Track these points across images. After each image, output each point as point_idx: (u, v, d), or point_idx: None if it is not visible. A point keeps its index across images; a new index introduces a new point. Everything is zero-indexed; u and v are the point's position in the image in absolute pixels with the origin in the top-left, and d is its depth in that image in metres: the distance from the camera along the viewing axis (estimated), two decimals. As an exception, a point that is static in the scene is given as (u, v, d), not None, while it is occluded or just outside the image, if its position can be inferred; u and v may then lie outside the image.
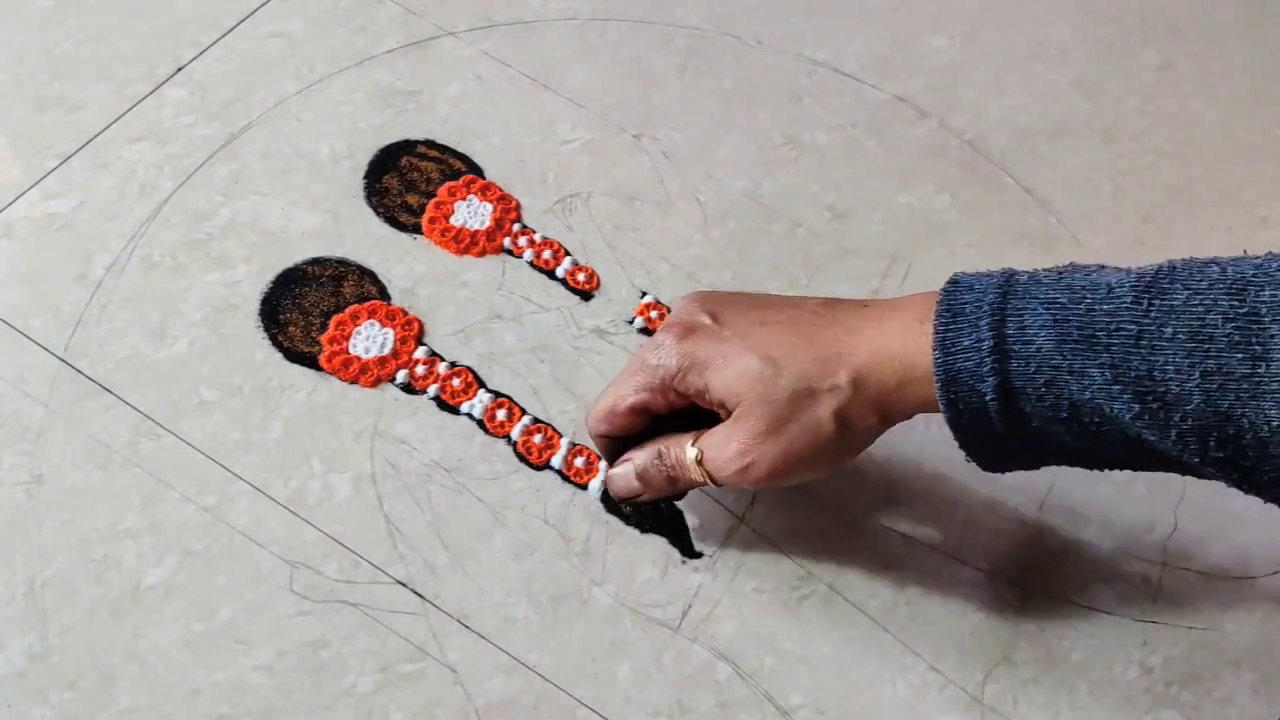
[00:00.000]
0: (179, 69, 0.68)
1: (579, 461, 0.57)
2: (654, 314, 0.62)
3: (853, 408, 0.48)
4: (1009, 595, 0.56)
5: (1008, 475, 0.50)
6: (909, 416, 0.49)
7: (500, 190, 0.65)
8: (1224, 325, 0.42)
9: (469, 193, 0.65)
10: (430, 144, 0.67)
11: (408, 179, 0.65)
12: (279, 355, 0.59)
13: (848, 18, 0.75)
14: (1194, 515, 0.58)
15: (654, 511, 0.56)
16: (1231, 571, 0.57)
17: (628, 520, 0.56)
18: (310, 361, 0.59)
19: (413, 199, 0.65)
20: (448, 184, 0.65)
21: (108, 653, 0.51)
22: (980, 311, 0.46)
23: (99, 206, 0.62)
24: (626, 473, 0.53)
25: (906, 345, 0.47)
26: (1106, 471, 0.49)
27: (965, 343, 0.46)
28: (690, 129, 0.69)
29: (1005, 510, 0.58)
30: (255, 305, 0.60)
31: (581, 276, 0.63)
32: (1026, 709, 0.53)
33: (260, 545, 0.54)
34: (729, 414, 0.50)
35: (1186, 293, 0.43)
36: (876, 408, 0.48)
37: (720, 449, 0.50)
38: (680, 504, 0.56)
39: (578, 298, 0.62)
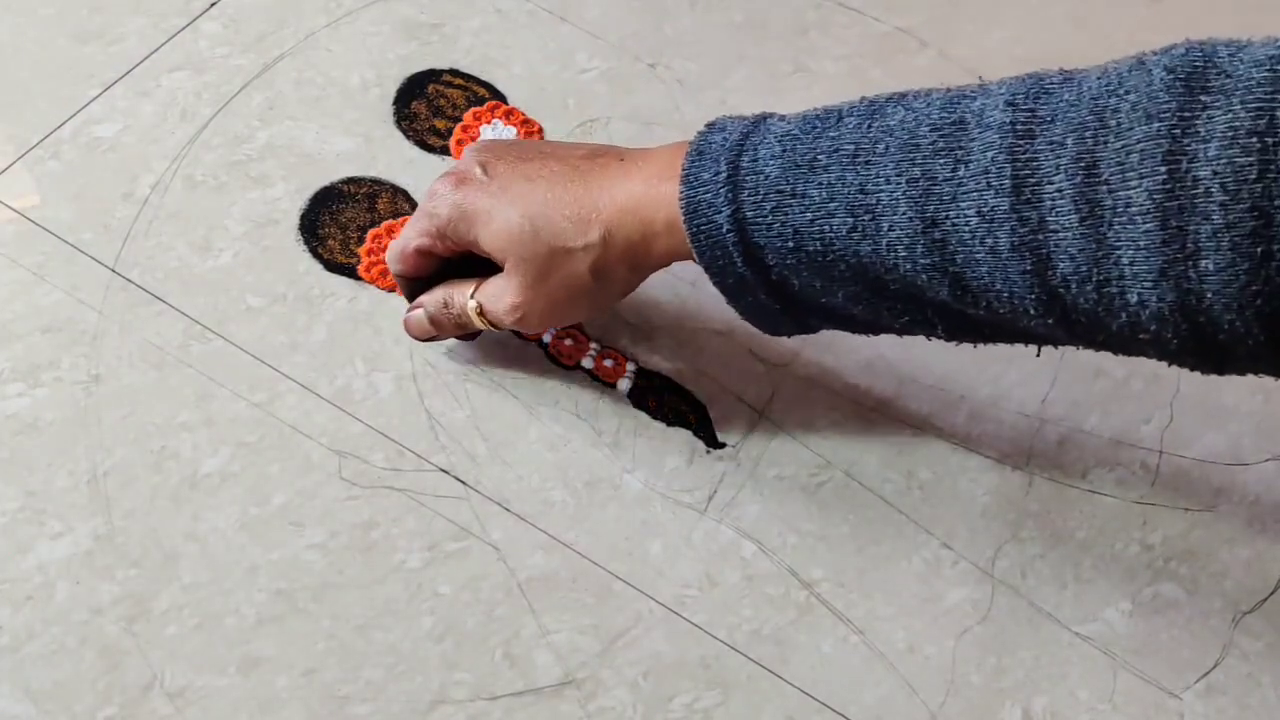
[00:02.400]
0: (213, 4, 0.71)
1: (608, 363, 0.60)
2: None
3: (605, 262, 0.51)
4: (1015, 480, 0.59)
5: (1010, 372, 0.52)
6: (664, 265, 0.52)
7: (523, 115, 0.68)
8: (931, 134, 0.43)
9: (494, 116, 0.68)
10: (455, 72, 0.70)
11: (435, 105, 0.68)
12: (319, 266, 0.62)
13: (850, -45, 0.78)
14: (1189, 408, 0.61)
15: (677, 409, 0.59)
16: (1225, 459, 0.60)
17: (655, 415, 0.59)
18: (349, 272, 0.62)
19: (440, 123, 0.68)
20: (473, 109, 0.68)
21: (169, 534, 0.54)
22: (724, 148, 0.48)
23: (142, 130, 0.65)
24: (419, 318, 0.57)
25: (648, 200, 0.50)
26: (1097, 374, 0.49)
27: (705, 176, 0.48)
28: (703, 59, 0.72)
29: (1009, 403, 0.61)
30: (295, 220, 0.63)
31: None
32: (1035, 582, 0.56)
33: (309, 437, 0.57)
34: (502, 264, 0.53)
35: (904, 112, 0.44)
36: (626, 260, 0.52)
37: (496, 301, 0.53)
38: (703, 398, 0.59)
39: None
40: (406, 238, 0.55)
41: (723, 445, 0.59)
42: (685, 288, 0.63)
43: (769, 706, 0.52)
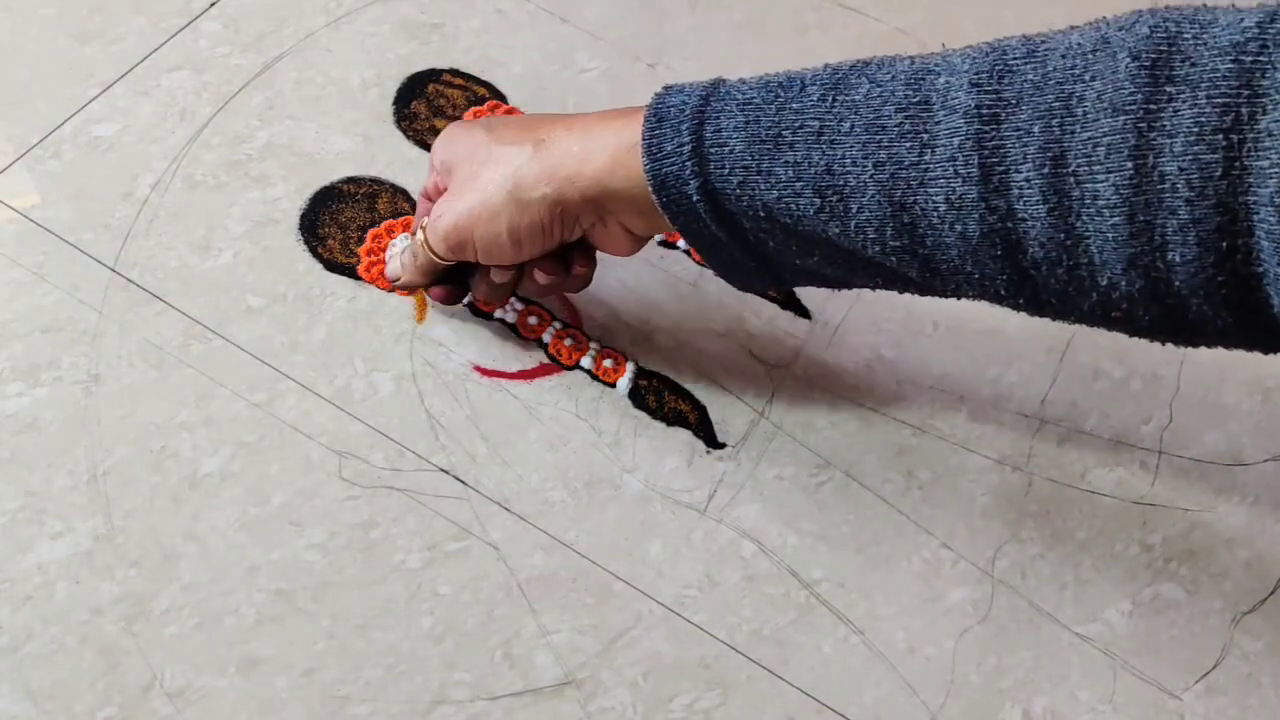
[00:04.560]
0: (212, 4, 0.71)
1: (608, 363, 0.60)
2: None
3: (565, 203, 0.50)
4: (1015, 481, 0.59)
5: (1009, 373, 0.52)
6: (629, 211, 0.51)
7: (522, 113, 0.68)
8: (896, 115, 0.42)
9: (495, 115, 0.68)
10: (455, 72, 0.70)
11: (435, 104, 0.68)
12: (319, 266, 0.62)
13: (850, -45, 0.78)
14: (1189, 408, 0.61)
15: (677, 409, 0.59)
16: (1224, 459, 0.60)
17: (655, 415, 0.59)
18: (349, 272, 0.62)
19: (440, 123, 0.67)
20: (473, 109, 0.68)
21: (169, 534, 0.54)
22: (683, 115, 0.47)
23: (142, 130, 0.65)
24: (391, 268, 0.59)
25: (615, 176, 0.49)
26: (1096, 375, 0.50)
27: (669, 147, 0.47)
28: (702, 59, 0.72)
29: (1009, 405, 0.61)
30: (295, 220, 0.63)
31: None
32: (1035, 582, 0.56)
33: (309, 437, 0.56)
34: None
35: (868, 86, 0.43)
36: (591, 208, 0.51)
37: (435, 221, 0.54)
38: (703, 398, 0.59)
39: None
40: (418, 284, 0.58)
41: (723, 445, 0.59)
42: (685, 288, 0.63)
43: (769, 707, 0.52)
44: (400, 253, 0.58)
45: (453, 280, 0.57)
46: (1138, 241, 0.38)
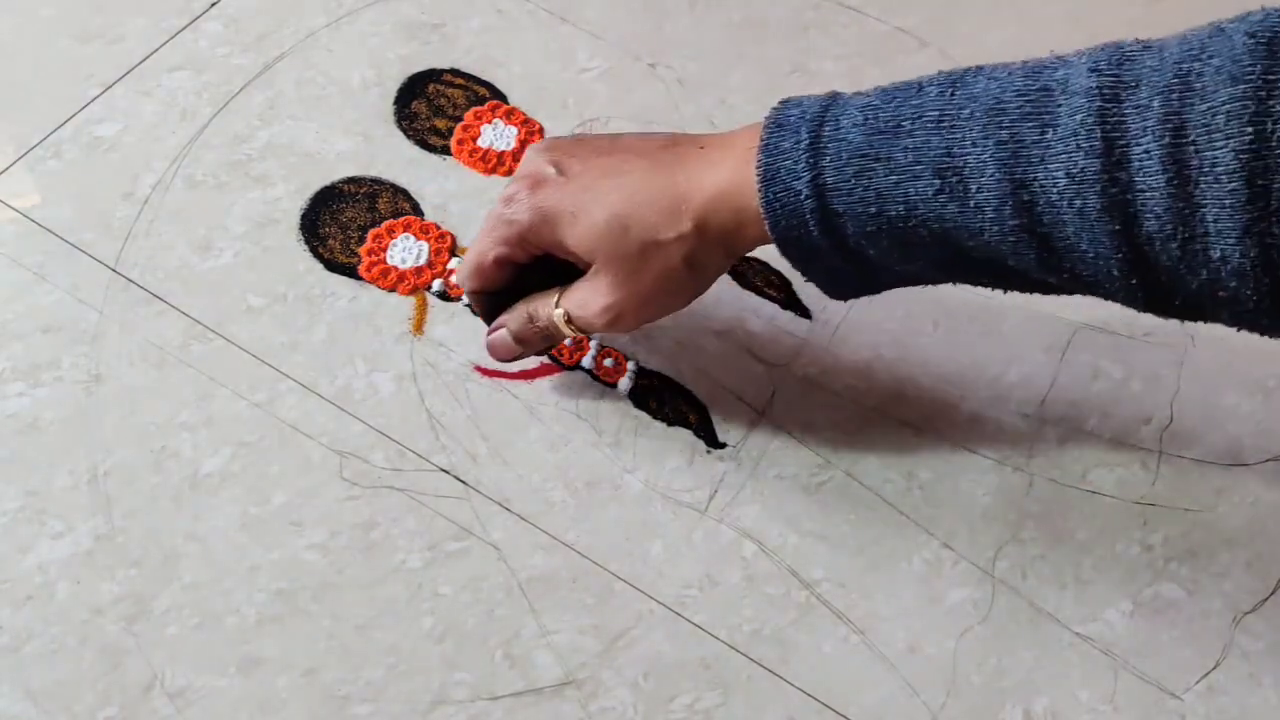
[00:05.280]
0: (213, 4, 0.71)
1: (608, 363, 0.60)
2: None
3: (699, 251, 0.51)
4: (1015, 481, 0.59)
5: (1009, 373, 0.52)
6: (754, 248, 0.52)
7: (524, 115, 0.68)
8: (1016, 99, 0.43)
9: (494, 116, 0.68)
10: (455, 72, 0.70)
11: (435, 104, 0.68)
12: (319, 266, 0.62)
13: (851, -45, 0.78)
14: (1189, 408, 0.61)
15: (678, 409, 0.59)
16: (1225, 459, 0.60)
17: (655, 415, 0.59)
18: (350, 271, 0.62)
19: (441, 123, 0.68)
20: (473, 109, 0.68)
21: (169, 534, 0.54)
22: (803, 120, 0.48)
23: (142, 130, 0.65)
24: (504, 338, 0.56)
25: (739, 185, 0.49)
26: (1096, 375, 0.50)
27: (785, 145, 0.48)
28: (703, 58, 0.72)
29: (1009, 405, 0.61)
30: (295, 220, 0.63)
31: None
32: (1035, 582, 0.56)
33: (309, 437, 0.57)
34: (586, 266, 0.52)
35: (986, 81, 0.45)
36: (722, 247, 0.51)
37: (585, 306, 0.52)
38: (703, 398, 0.59)
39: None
40: (483, 249, 0.53)
41: (723, 445, 0.59)
42: (686, 288, 0.63)
43: (769, 707, 0.52)
44: (518, 329, 0.55)
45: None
46: (1254, 207, 0.39)
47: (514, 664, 0.52)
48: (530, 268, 0.54)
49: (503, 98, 0.69)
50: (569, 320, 0.53)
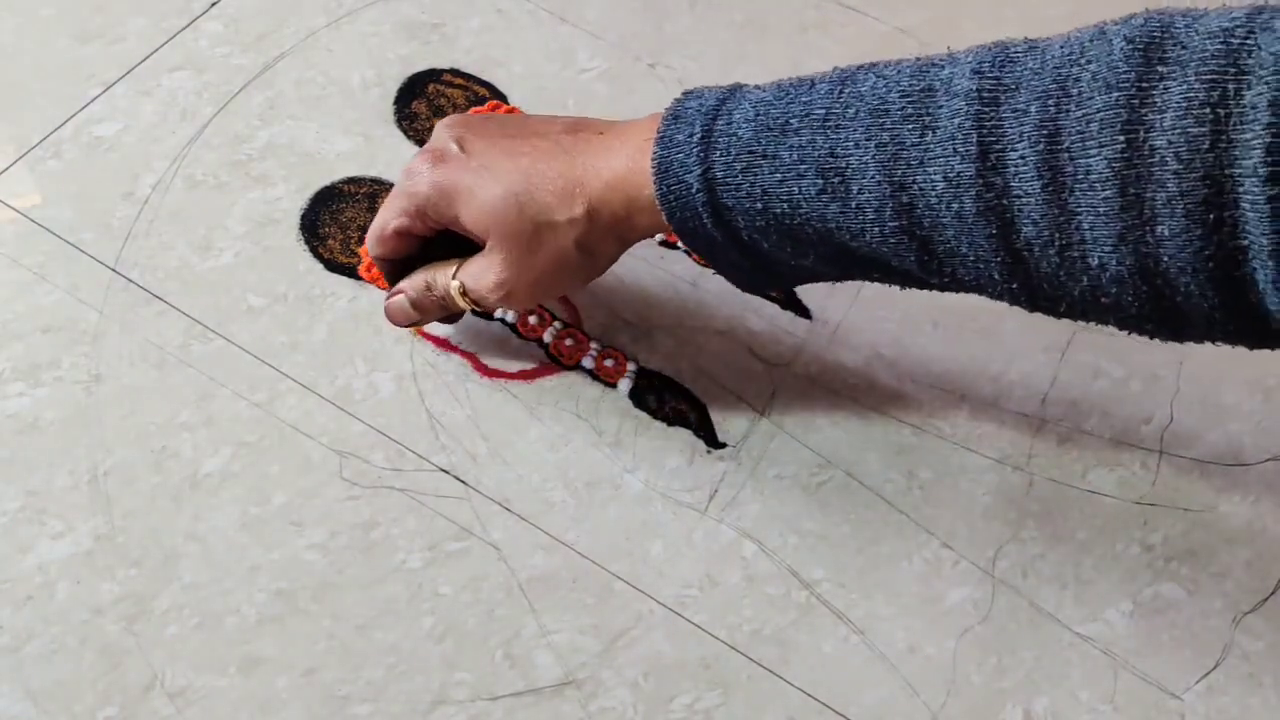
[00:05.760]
0: (213, 4, 0.71)
1: (608, 363, 0.60)
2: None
3: (591, 235, 0.51)
4: (1015, 480, 0.59)
5: (1009, 372, 0.52)
6: (647, 237, 0.53)
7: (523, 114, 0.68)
8: (899, 101, 0.43)
9: (495, 116, 0.68)
10: (455, 72, 0.70)
11: (435, 104, 0.68)
12: (320, 266, 0.62)
13: (851, -45, 0.78)
14: (1189, 408, 0.61)
15: (678, 409, 0.59)
16: (1225, 459, 0.60)
17: (655, 415, 0.59)
18: (350, 272, 0.62)
19: (441, 123, 0.67)
20: (474, 109, 0.68)
21: (169, 534, 0.54)
22: (699, 113, 0.48)
23: (142, 130, 0.65)
24: (400, 303, 0.56)
25: (633, 174, 0.50)
26: (1096, 375, 0.50)
27: (679, 138, 0.48)
28: (703, 58, 0.72)
29: (1009, 404, 0.61)
30: (295, 220, 0.63)
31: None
32: (1035, 582, 0.56)
33: (309, 437, 0.57)
34: (483, 242, 0.53)
35: (874, 79, 0.45)
36: (613, 233, 0.52)
37: (479, 280, 0.53)
38: (703, 398, 0.59)
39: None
40: (385, 218, 0.54)
41: (723, 445, 0.59)
42: (685, 287, 0.63)
43: (770, 707, 0.52)
44: (415, 296, 0.56)
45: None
46: (1128, 215, 0.39)
47: (514, 664, 0.52)
48: (435, 239, 0.55)
49: (503, 98, 0.69)
50: (464, 292, 0.54)
